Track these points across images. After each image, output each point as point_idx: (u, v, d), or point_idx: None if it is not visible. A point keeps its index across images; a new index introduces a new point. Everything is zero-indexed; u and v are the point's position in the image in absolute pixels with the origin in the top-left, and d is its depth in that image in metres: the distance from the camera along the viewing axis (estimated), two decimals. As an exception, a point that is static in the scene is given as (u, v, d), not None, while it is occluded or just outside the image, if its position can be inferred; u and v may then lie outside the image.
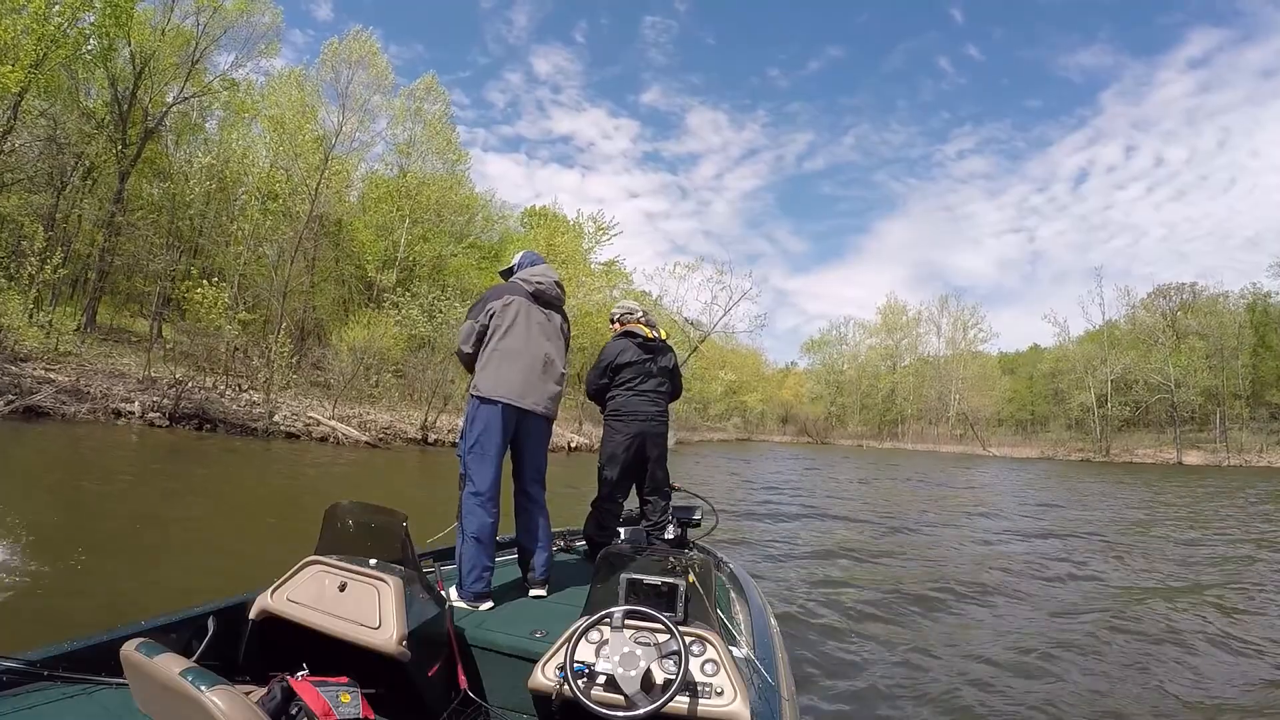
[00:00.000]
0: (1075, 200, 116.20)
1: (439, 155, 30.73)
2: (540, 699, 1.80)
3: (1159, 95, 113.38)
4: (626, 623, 1.80)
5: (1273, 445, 40.80)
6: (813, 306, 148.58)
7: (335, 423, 17.43)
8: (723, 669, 1.75)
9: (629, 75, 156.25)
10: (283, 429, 16.14)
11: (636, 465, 3.69)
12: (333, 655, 1.86)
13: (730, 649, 1.85)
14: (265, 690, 1.62)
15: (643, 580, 1.96)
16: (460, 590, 2.60)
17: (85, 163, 20.55)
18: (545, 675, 1.79)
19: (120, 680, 1.48)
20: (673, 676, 1.67)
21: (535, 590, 2.83)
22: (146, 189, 23.35)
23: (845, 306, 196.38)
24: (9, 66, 15.59)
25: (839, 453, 46.13)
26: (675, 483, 4.00)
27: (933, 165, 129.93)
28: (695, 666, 1.74)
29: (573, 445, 23.78)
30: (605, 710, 1.62)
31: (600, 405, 3.86)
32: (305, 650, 1.86)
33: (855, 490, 16.93)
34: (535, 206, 40.97)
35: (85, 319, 20.22)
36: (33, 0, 16.42)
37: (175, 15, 21.68)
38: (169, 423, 14.25)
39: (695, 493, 4.18)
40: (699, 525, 3.95)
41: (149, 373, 16.05)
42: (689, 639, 1.77)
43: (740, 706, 1.67)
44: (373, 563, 1.98)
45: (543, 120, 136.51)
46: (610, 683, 1.68)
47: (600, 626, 1.81)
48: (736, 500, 12.50)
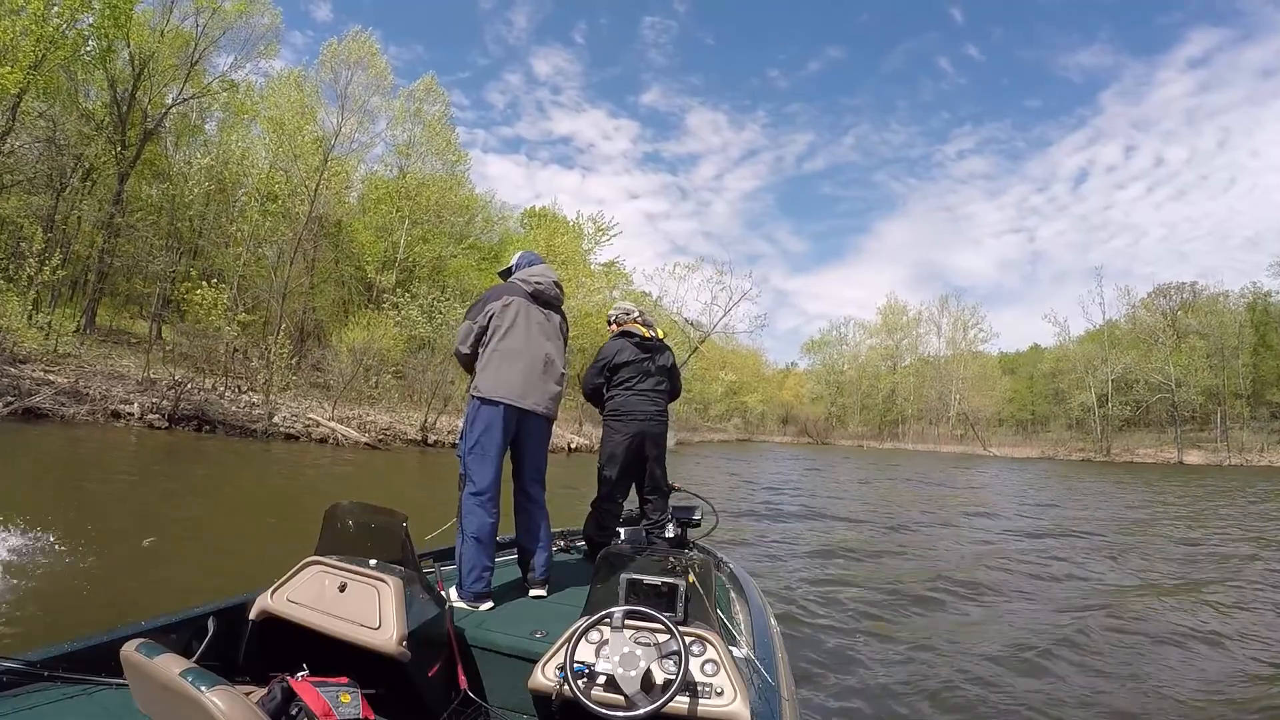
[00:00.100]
0: (1075, 200, 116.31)
1: (439, 156, 30.75)
2: (540, 699, 1.80)
3: (1159, 95, 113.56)
4: (626, 623, 1.80)
5: (1273, 444, 40.81)
6: (813, 307, 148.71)
7: (335, 424, 17.43)
8: (723, 669, 1.74)
9: (629, 76, 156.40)
10: (282, 430, 16.14)
11: (636, 465, 3.67)
12: (333, 655, 1.86)
13: (730, 649, 1.85)
14: (265, 690, 1.62)
15: (643, 580, 1.96)
16: (460, 590, 2.60)
17: (84, 164, 20.54)
18: (545, 675, 1.79)
19: (120, 681, 1.48)
20: (673, 676, 1.66)
21: (535, 590, 2.83)
22: (146, 190, 23.33)
23: (845, 307, 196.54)
24: (8, 68, 15.60)
25: (839, 453, 46.13)
26: (675, 483, 4.00)
27: (933, 165, 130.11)
28: (695, 666, 1.74)
29: (573, 446, 23.77)
30: (605, 710, 1.62)
31: (596, 405, 3.85)
32: (305, 650, 1.86)
33: (855, 490, 16.93)
34: (535, 207, 41.02)
35: (84, 320, 20.22)
36: (31, 1, 16.43)
37: (174, 16, 21.70)
38: (168, 424, 14.25)
39: (695, 493, 4.18)
40: (699, 525, 3.94)
41: (148, 374, 16.04)
42: (689, 639, 1.77)
43: (740, 706, 1.67)
44: (373, 563, 1.98)
45: (543, 121, 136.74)
46: (610, 683, 1.68)
47: (600, 627, 1.81)
48: (737, 500, 12.49)
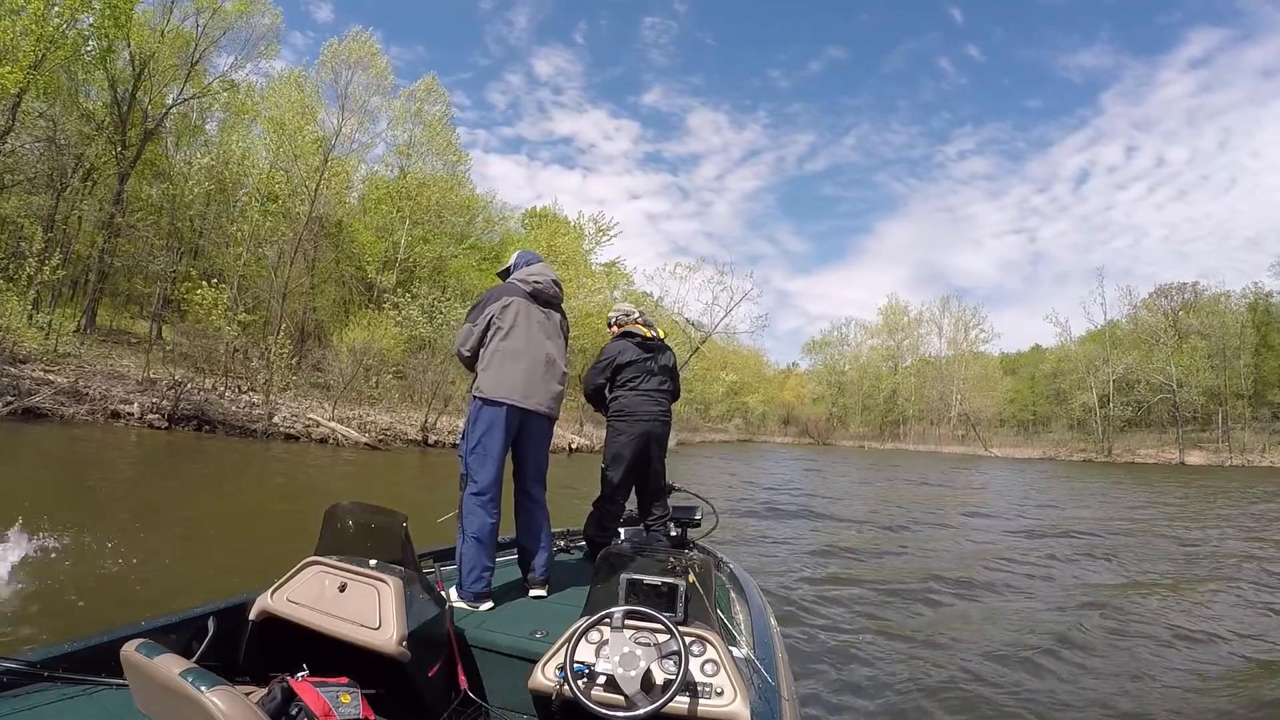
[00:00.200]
0: (1076, 201, 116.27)
1: (439, 156, 30.79)
2: (540, 699, 1.80)
3: (1160, 95, 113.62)
4: (626, 623, 1.80)
5: (1275, 445, 40.76)
6: (814, 307, 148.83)
7: (335, 424, 17.43)
8: (723, 669, 1.74)
9: (630, 76, 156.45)
10: (282, 430, 16.14)
11: (640, 465, 3.65)
12: (333, 656, 1.85)
13: (730, 649, 1.85)
14: (265, 691, 1.62)
15: (643, 580, 1.95)
16: (460, 590, 2.60)
17: (85, 164, 20.55)
18: (545, 675, 1.78)
19: (120, 681, 1.48)
20: (673, 677, 1.66)
21: (535, 590, 2.83)
22: (146, 190, 23.34)
23: (847, 307, 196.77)
24: (8, 67, 15.61)
25: (840, 454, 46.12)
26: (675, 483, 3.99)
27: (933, 166, 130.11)
28: (695, 667, 1.74)
29: (573, 446, 23.76)
30: (605, 710, 1.61)
31: (596, 406, 3.82)
32: (305, 651, 1.86)
33: (856, 491, 16.92)
34: (536, 208, 41.09)
35: (85, 320, 20.24)
36: (32, 1, 16.44)
37: (175, 17, 21.73)
38: (168, 424, 14.25)
39: (695, 493, 4.17)
40: (699, 525, 3.93)
41: (148, 374, 16.05)
42: (689, 639, 1.76)
43: (740, 706, 1.67)
44: (373, 563, 1.98)
45: (544, 121, 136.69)
46: (610, 683, 1.68)
47: (600, 627, 1.81)
48: (737, 500, 12.49)
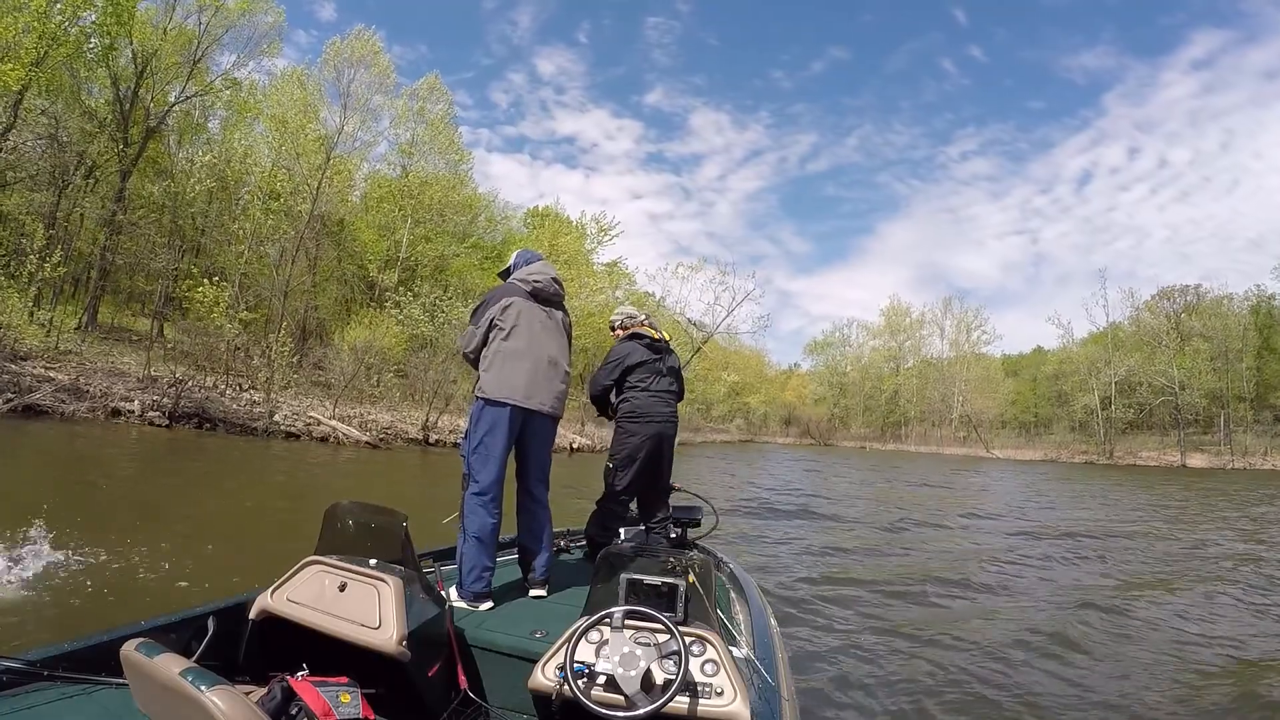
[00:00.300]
0: (1079, 202, 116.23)
1: (442, 155, 30.80)
2: (540, 699, 1.80)
3: (1162, 97, 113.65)
4: (626, 623, 1.80)
5: (1277, 448, 40.63)
6: (816, 308, 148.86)
7: (336, 423, 17.44)
8: (723, 669, 1.74)
9: (632, 76, 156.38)
10: (283, 429, 16.15)
11: (651, 467, 3.64)
12: (333, 655, 1.85)
13: (730, 649, 1.85)
14: (265, 690, 1.62)
15: (643, 580, 1.95)
16: (460, 590, 2.60)
17: (87, 161, 20.56)
18: (545, 675, 1.78)
19: (120, 680, 1.48)
20: (673, 677, 1.66)
21: (535, 590, 2.83)
22: (148, 188, 23.33)
23: (848, 308, 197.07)
24: (10, 64, 15.59)
25: (841, 454, 46.10)
26: (675, 483, 3.99)
27: (936, 167, 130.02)
28: (695, 666, 1.74)
29: (575, 446, 23.74)
30: (605, 710, 1.61)
31: (601, 407, 3.80)
32: (305, 650, 1.85)
33: (856, 492, 16.92)
34: (538, 207, 41.07)
35: (86, 317, 20.26)
36: (34, -2, 16.45)
37: (177, 14, 21.72)
38: (168, 422, 14.26)
39: (696, 493, 4.17)
40: (699, 525, 3.93)
41: (149, 371, 16.06)
42: (689, 639, 1.76)
43: (740, 706, 1.67)
44: (373, 563, 1.98)
45: (546, 121, 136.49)
46: (610, 683, 1.68)
47: (600, 627, 1.81)
48: (738, 501, 12.48)
